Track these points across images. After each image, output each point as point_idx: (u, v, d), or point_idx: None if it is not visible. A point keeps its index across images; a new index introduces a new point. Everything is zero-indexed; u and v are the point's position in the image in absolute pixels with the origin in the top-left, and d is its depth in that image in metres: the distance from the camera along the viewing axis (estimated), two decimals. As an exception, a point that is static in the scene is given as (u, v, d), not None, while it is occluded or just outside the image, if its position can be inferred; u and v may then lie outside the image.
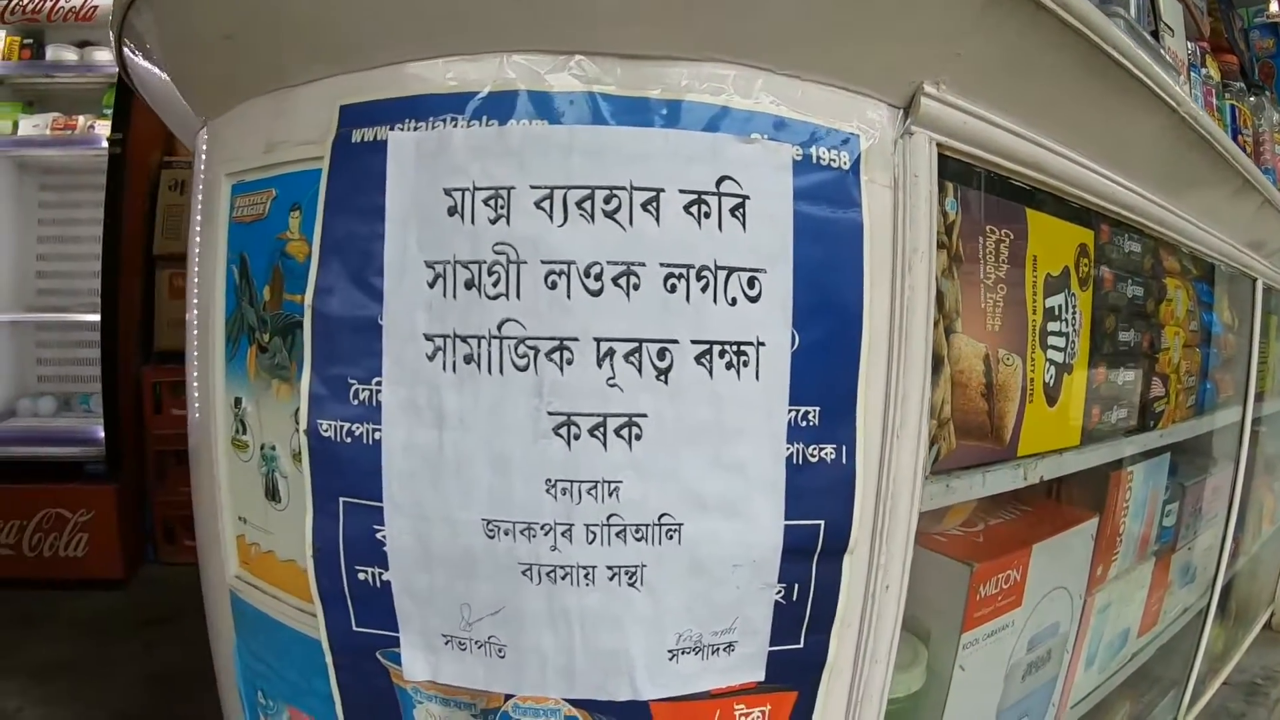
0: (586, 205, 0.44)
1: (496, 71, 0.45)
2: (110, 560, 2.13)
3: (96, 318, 2.12)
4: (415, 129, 0.46)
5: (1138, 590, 0.98)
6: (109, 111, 2.16)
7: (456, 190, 0.45)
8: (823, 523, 0.48)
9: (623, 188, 0.44)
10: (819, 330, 0.47)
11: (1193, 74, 1.08)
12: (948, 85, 0.52)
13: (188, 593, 2.34)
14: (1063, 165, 0.67)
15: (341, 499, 0.47)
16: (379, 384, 0.46)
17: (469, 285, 0.45)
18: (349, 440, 0.47)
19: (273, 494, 0.55)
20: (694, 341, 0.45)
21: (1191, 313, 1.03)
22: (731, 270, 0.45)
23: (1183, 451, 1.08)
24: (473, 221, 0.44)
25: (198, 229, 0.66)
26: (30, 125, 2.19)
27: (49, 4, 2.20)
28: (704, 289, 0.45)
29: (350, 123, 0.48)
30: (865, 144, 0.49)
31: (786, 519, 0.47)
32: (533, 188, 0.44)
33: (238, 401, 0.58)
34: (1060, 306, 0.70)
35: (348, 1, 0.47)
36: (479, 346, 0.44)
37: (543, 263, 0.44)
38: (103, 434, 2.14)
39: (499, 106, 0.45)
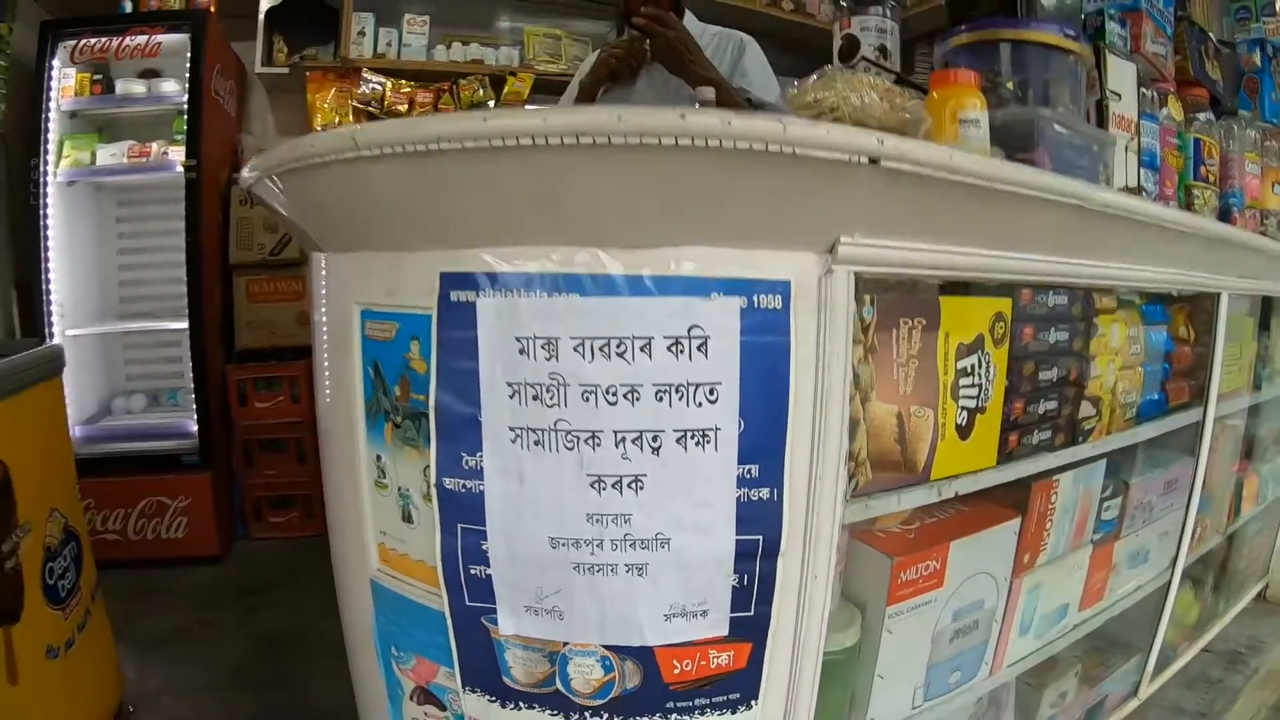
0: (605, 349, 0.76)
1: (544, 261, 0.77)
2: (207, 539, 2.61)
3: (183, 325, 2.55)
4: (494, 296, 0.78)
5: (1074, 572, 1.28)
6: (179, 137, 2.56)
7: (523, 338, 0.78)
8: (761, 537, 0.80)
9: (627, 337, 0.76)
10: (758, 416, 0.79)
11: (1146, 122, 1.31)
12: (861, 232, 0.82)
13: (278, 564, 2.87)
14: (974, 260, 0.94)
15: (459, 525, 0.82)
16: (481, 456, 0.80)
17: (535, 398, 0.78)
18: (463, 490, 0.81)
19: (407, 518, 0.90)
20: (675, 429, 0.77)
21: (1133, 338, 1.30)
22: (698, 385, 0.77)
23: (1128, 453, 1.36)
24: (534, 359, 0.77)
25: (325, 329, 1.00)
26: (108, 154, 2.60)
27: (115, 43, 2.58)
28: (680, 398, 0.77)
29: (449, 285, 0.81)
30: (795, 286, 0.79)
31: (737, 535, 0.80)
32: (571, 338, 0.76)
33: (378, 457, 0.93)
34: (973, 365, 0.99)
35: (451, 211, 0.79)
36: (543, 435, 0.78)
37: (579, 385, 0.77)
38: (194, 428, 2.60)
39: (547, 283, 0.77)
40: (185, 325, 2.55)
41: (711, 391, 0.78)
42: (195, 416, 2.59)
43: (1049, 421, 1.13)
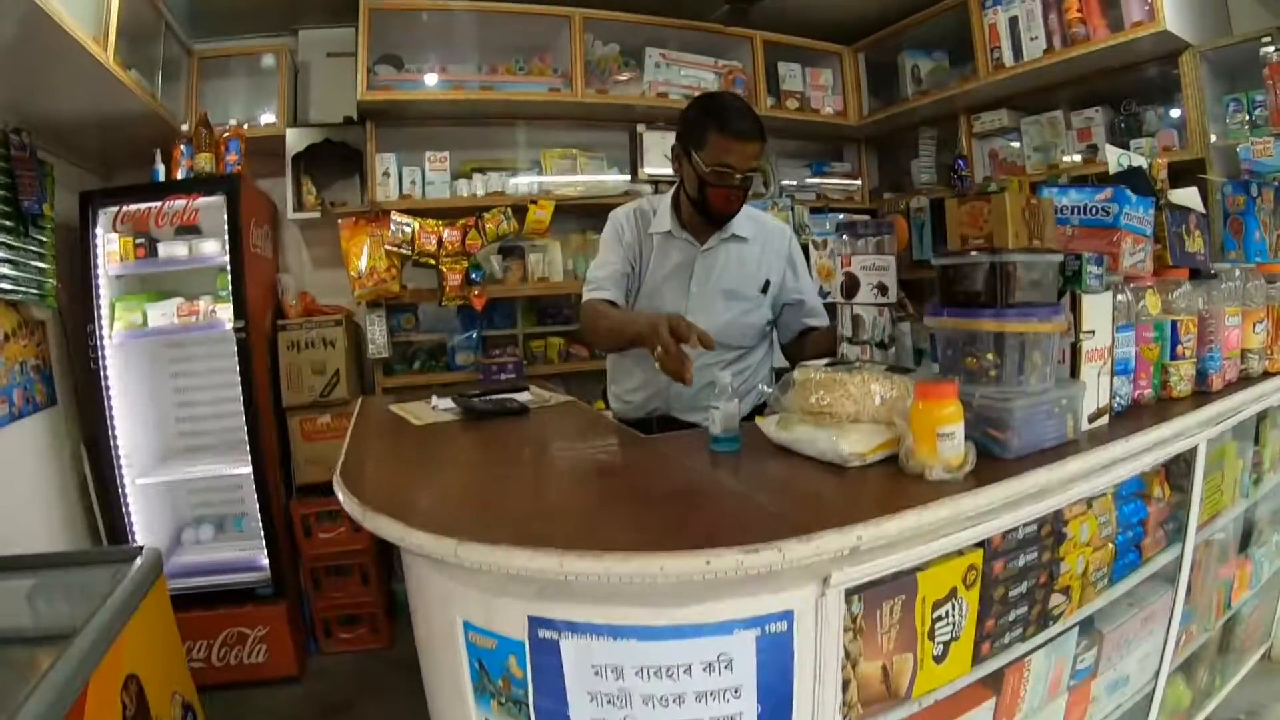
0: (658, 673, 1.11)
1: (610, 615, 1.12)
2: (286, 660, 3.03)
3: (246, 470, 2.95)
4: (573, 639, 1.13)
5: (1053, 712, 1.61)
6: (224, 294, 2.92)
7: (598, 665, 1.13)
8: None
9: (675, 665, 1.11)
10: (771, 701, 1.13)
11: (1121, 334, 1.53)
12: (850, 565, 1.15)
13: (354, 679, 3.33)
14: (951, 540, 1.27)
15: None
16: (573, 747, 1.16)
17: (609, 702, 1.13)
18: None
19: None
20: (710, 718, 1.13)
21: (1104, 523, 1.61)
22: (726, 689, 1.12)
23: (1102, 609, 1.68)
24: (606, 678, 1.12)
25: (427, 619, 1.36)
26: (158, 314, 2.97)
27: (155, 209, 2.94)
28: (714, 698, 1.12)
29: (535, 625, 1.16)
30: (798, 614, 1.13)
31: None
32: (632, 667, 1.11)
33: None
34: (947, 611, 1.32)
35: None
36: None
37: (640, 695, 1.12)
38: (265, 560, 3.00)
39: (614, 631, 1.12)
40: (248, 470, 2.95)
41: (736, 691, 1.12)
42: (265, 548, 3.00)
43: (1020, 622, 1.46)
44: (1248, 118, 2.76)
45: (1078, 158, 3.47)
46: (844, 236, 1.59)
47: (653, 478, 1.38)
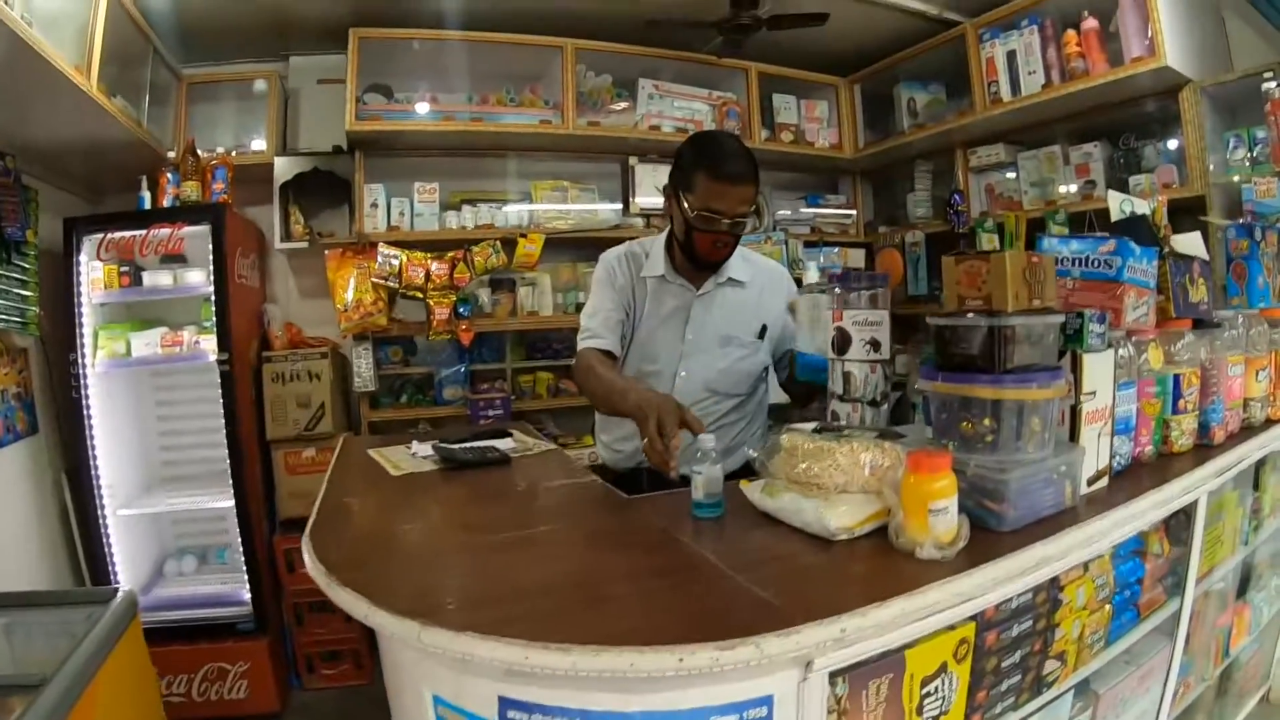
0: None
1: (582, 699, 1.07)
2: (267, 696, 2.97)
3: (229, 503, 2.90)
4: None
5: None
6: (208, 325, 2.88)
7: (569, 755, 1.07)
8: None
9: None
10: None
11: (1122, 392, 1.48)
12: (834, 651, 1.10)
13: (335, 717, 3.27)
14: (942, 619, 1.22)
15: None
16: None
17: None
18: None
19: None
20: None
21: (1101, 585, 1.56)
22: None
23: (1098, 670, 1.63)
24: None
25: (399, 689, 1.31)
26: (142, 344, 2.92)
27: (140, 238, 2.89)
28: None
29: (506, 706, 1.10)
30: (778, 699, 1.08)
31: None
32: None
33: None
34: (936, 686, 1.27)
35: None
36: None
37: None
38: (247, 595, 2.95)
39: (585, 715, 1.06)
40: (231, 503, 2.89)
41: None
42: (247, 582, 2.94)
43: (1012, 691, 1.40)
44: (1249, 154, 2.73)
45: (1074, 189, 3.44)
46: (836, 290, 1.54)
47: (631, 551, 1.31)
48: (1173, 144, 3.16)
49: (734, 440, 2.03)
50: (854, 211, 4.71)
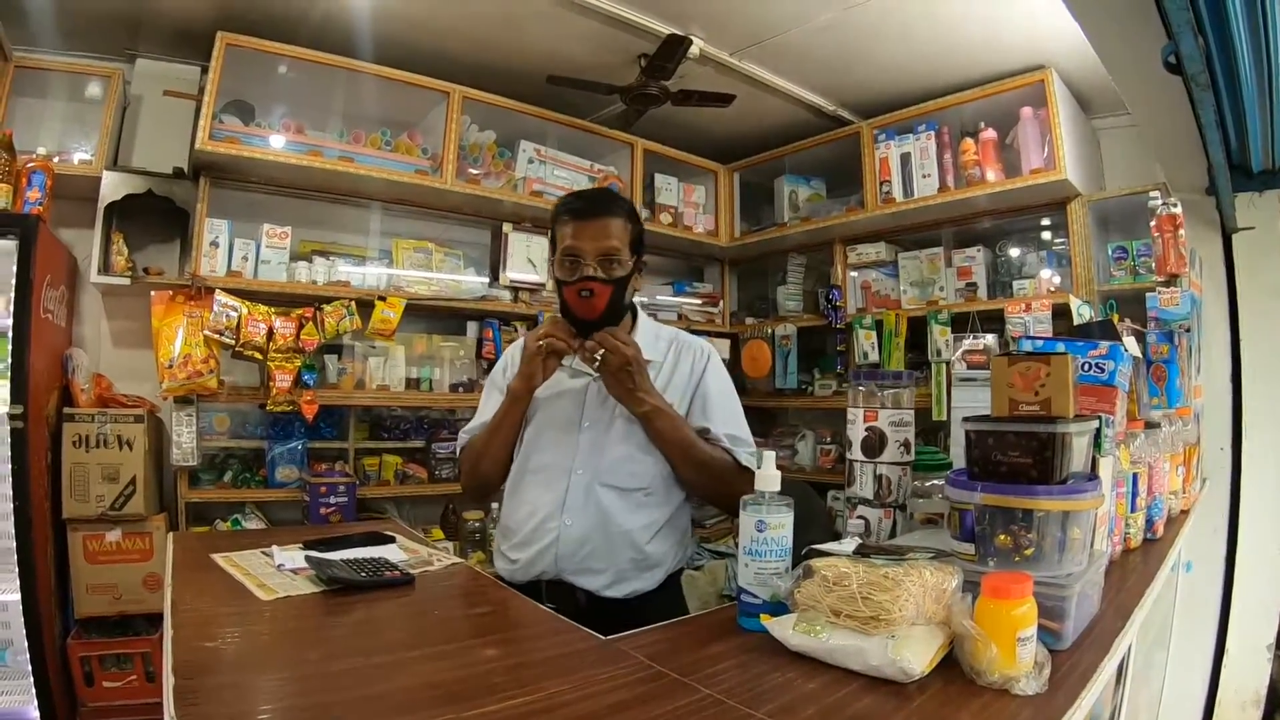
0: None
1: None
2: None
3: (14, 596, 2.23)
4: None
5: None
6: (2, 366, 2.26)
7: None
8: None
9: None
10: None
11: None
12: None
13: None
14: None
15: None
16: None
17: None
18: None
19: None
20: None
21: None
22: None
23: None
24: None
25: None
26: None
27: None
28: None
29: None
30: None
31: None
32: None
33: None
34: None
35: None
36: None
37: None
38: (34, 714, 2.27)
39: None
40: (16, 595, 2.22)
41: None
42: (34, 695, 2.25)
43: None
44: (1133, 264, 3.03)
45: (955, 290, 3.63)
46: (862, 387, 1.41)
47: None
48: (1056, 251, 3.43)
49: (649, 552, 1.72)
50: (720, 304, 4.73)
